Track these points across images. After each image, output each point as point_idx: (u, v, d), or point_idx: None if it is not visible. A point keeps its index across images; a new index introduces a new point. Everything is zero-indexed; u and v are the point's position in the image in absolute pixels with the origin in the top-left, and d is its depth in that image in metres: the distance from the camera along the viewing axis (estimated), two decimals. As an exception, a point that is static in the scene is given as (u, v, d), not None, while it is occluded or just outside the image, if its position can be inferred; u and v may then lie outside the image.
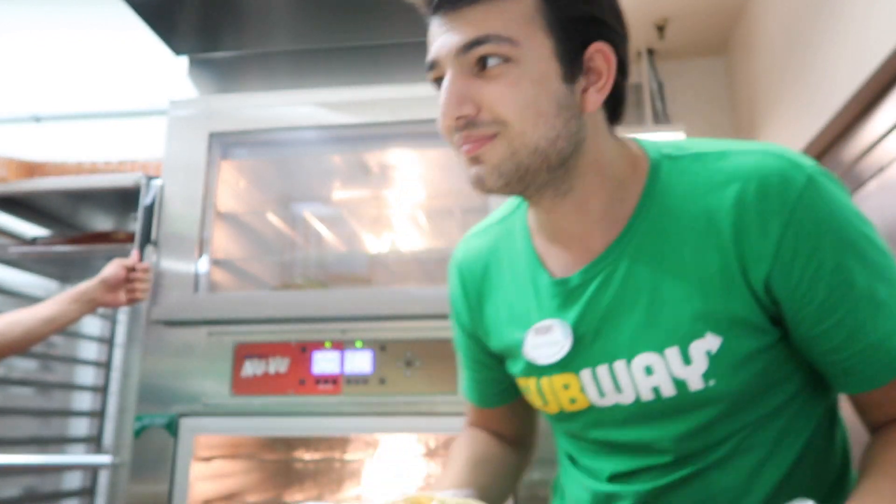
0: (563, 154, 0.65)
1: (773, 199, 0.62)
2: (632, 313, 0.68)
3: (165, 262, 1.56)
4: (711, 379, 0.65)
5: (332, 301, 1.49)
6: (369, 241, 1.95)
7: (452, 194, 1.80)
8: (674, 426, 0.69)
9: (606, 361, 0.70)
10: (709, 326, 0.64)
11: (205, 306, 1.53)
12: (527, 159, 0.64)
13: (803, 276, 0.62)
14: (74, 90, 2.76)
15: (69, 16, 2.93)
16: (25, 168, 1.76)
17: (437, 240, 1.91)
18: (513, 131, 0.63)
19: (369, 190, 1.94)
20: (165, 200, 1.61)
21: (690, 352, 0.65)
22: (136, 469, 1.43)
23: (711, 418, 0.67)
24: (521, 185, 0.67)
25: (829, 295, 0.62)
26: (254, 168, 1.88)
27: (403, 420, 1.41)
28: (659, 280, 0.67)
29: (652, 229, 0.68)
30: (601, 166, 0.69)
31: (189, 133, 1.63)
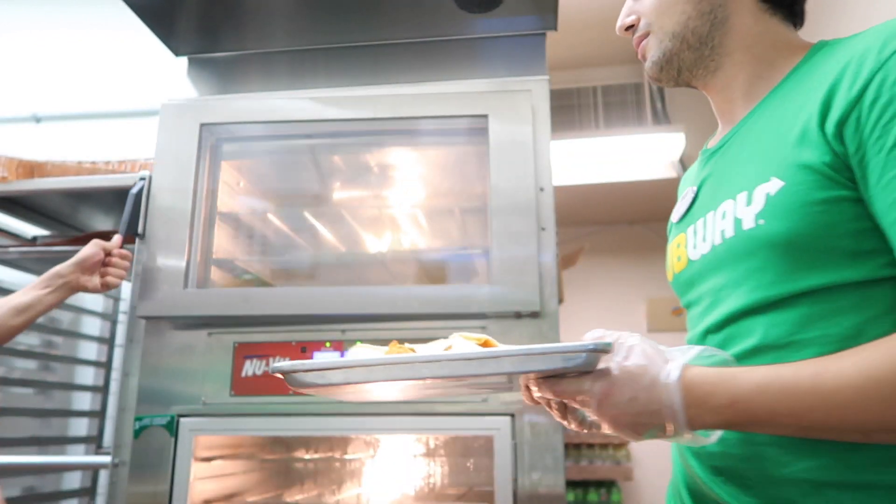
0: (698, 32, 0.78)
1: (873, 51, 0.62)
2: (731, 171, 0.76)
3: (153, 257, 1.51)
4: (762, 218, 0.67)
5: (331, 300, 1.49)
6: (370, 240, 1.95)
7: (452, 194, 1.80)
8: (735, 274, 0.71)
9: (703, 215, 0.78)
10: (774, 171, 0.67)
11: (193, 303, 1.49)
12: (669, 43, 0.80)
13: (878, 122, 0.60)
14: (74, 90, 2.76)
15: (69, 16, 2.93)
16: (25, 168, 1.76)
17: (437, 239, 1.91)
18: (656, 25, 0.81)
19: (368, 189, 1.94)
20: (154, 193, 1.56)
21: (755, 194, 0.69)
22: (136, 469, 1.43)
23: (765, 265, 0.68)
24: (673, 68, 0.81)
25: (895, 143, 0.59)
26: (247, 166, 1.88)
27: (403, 420, 1.41)
28: (762, 141, 0.72)
29: (780, 102, 0.73)
30: (748, 45, 0.77)
31: (179, 123, 1.60)
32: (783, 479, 0.66)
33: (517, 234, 1.45)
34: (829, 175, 0.63)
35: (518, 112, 1.52)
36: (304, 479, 1.87)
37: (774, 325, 0.68)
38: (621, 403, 0.64)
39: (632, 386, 0.64)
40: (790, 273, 0.66)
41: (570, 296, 4.03)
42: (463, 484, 1.79)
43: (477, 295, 1.43)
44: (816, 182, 0.64)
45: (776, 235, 0.66)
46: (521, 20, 1.63)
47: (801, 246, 0.65)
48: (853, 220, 0.63)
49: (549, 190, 1.51)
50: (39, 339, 2.38)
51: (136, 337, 1.53)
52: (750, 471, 0.69)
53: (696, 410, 0.62)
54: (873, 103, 0.60)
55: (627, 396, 0.64)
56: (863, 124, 0.61)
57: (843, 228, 0.63)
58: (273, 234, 1.93)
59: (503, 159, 1.49)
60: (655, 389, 0.63)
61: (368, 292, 1.49)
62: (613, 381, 0.65)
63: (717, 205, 0.75)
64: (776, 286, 0.67)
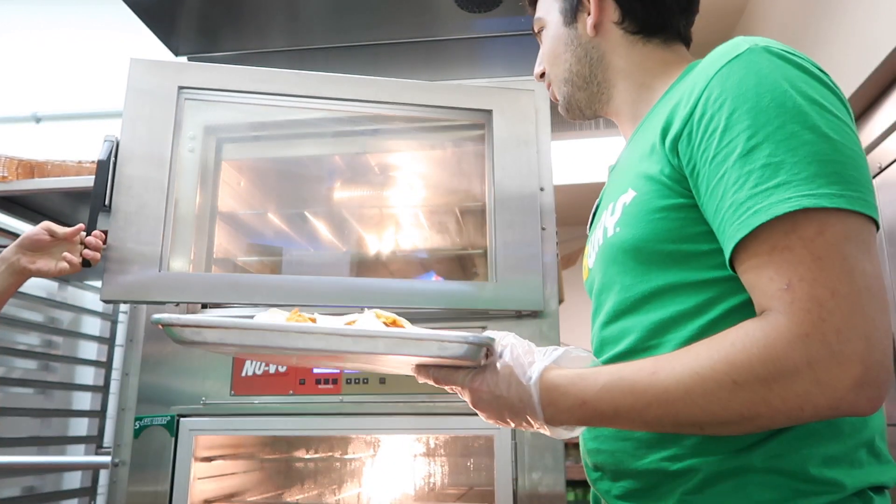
0: (582, 74, 0.87)
1: (704, 71, 0.67)
2: (612, 186, 0.83)
3: (121, 233, 1.35)
4: (619, 226, 0.74)
5: (326, 291, 1.48)
6: (370, 239, 1.95)
7: (453, 192, 1.80)
8: (607, 277, 0.77)
9: (595, 226, 0.85)
10: (630, 183, 0.74)
11: (170, 287, 1.36)
12: (564, 88, 0.89)
13: (703, 136, 0.64)
14: (74, 90, 2.76)
15: (69, 16, 2.93)
16: (25, 168, 1.76)
17: (437, 239, 1.91)
18: (551, 75, 0.92)
19: (368, 189, 1.94)
20: (122, 160, 1.38)
21: (617, 204, 0.76)
22: (137, 469, 1.43)
23: (624, 269, 0.74)
24: (574, 108, 0.90)
25: (716, 153, 0.63)
26: (245, 163, 1.87)
27: (403, 420, 1.41)
28: (631, 157, 0.80)
29: (649, 121, 0.79)
30: (626, 75, 0.85)
31: (153, 83, 1.44)
32: (641, 471, 0.71)
33: (520, 233, 1.45)
34: (668, 185, 0.69)
35: (522, 110, 1.52)
36: (305, 479, 1.87)
37: (636, 329, 0.73)
38: (490, 399, 0.71)
39: (498, 384, 0.70)
40: (642, 275, 0.72)
41: (570, 296, 4.02)
42: (463, 484, 1.79)
43: (480, 292, 1.42)
44: (658, 191, 0.70)
45: (627, 241, 0.73)
46: (521, 20, 1.63)
47: (647, 249, 0.71)
48: (691, 225, 0.68)
49: (550, 190, 1.51)
50: (40, 338, 2.39)
51: (137, 337, 1.53)
52: (615, 464, 0.74)
53: (552, 410, 0.68)
54: (700, 119, 0.65)
55: (495, 393, 0.71)
56: (693, 139, 0.65)
57: (682, 232, 0.69)
58: (271, 231, 1.93)
59: (506, 156, 1.49)
60: (518, 389, 0.70)
61: (368, 284, 1.47)
62: (483, 377, 0.71)
63: (600, 216, 0.83)
64: (633, 288, 0.73)
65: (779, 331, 0.57)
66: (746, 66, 0.63)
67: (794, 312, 0.56)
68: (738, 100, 0.62)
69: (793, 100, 0.61)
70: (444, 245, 1.90)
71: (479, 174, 1.62)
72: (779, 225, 0.58)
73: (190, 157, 1.55)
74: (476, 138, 1.62)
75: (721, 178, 0.62)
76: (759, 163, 0.60)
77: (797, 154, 0.59)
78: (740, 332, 0.60)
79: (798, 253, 0.58)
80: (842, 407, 0.56)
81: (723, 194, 0.62)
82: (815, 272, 0.57)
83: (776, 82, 0.62)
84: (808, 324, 0.56)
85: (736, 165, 0.61)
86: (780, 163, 0.59)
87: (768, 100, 0.61)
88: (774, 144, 0.60)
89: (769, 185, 0.59)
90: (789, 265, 0.58)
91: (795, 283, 0.57)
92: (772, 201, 0.58)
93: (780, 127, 0.60)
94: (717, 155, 0.63)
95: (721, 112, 0.63)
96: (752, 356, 0.57)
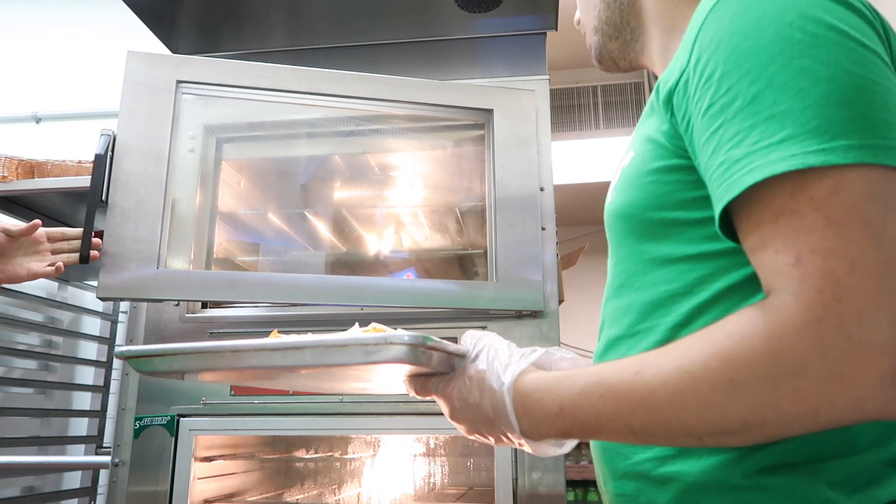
0: (612, 21, 0.81)
1: (702, 9, 0.57)
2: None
3: (118, 229, 1.32)
4: (615, 192, 0.69)
5: (326, 290, 1.47)
6: (370, 239, 1.95)
7: (452, 193, 1.80)
8: (610, 248, 0.72)
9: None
10: (633, 145, 0.69)
11: (169, 285, 1.34)
12: (596, 37, 0.83)
13: (699, 83, 0.54)
14: (74, 90, 2.76)
15: (69, 16, 2.93)
16: (25, 168, 1.76)
17: (437, 239, 1.91)
18: (584, 24, 0.86)
19: (368, 188, 1.94)
20: (119, 155, 1.35)
21: (619, 169, 0.70)
22: (137, 469, 1.43)
23: (620, 239, 0.69)
24: (607, 59, 0.84)
25: (712, 102, 0.53)
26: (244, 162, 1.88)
27: (403, 420, 1.41)
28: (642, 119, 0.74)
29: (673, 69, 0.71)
30: (656, 21, 0.78)
31: (150, 76, 1.41)
32: (626, 472, 0.63)
33: (520, 232, 1.45)
34: (663, 145, 0.61)
35: (522, 110, 1.52)
36: (305, 479, 1.87)
37: (632, 309, 0.65)
38: (464, 409, 0.63)
39: (471, 391, 0.62)
40: (634, 246, 0.65)
41: (570, 296, 4.02)
42: (463, 484, 1.79)
43: (481, 292, 1.42)
44: (654, 152, 0.62)
45: (619, 207, 0.66)
46: (521, 20, 1.63)
47: (637, 217, 0.64)
48: (684, 190, 0.59)
49: (550, 190, 1.51)
50: (40, 338, 2.39)
51: (137, 337, 1.53)
52: (603, 465, 0.67)
53: (528, 420, 0.59)
54: (696, 65, 0.55)
55: (468, 401, 0.62)
56: (689, 89, 0.56)
57: (673, 198, 0.60)
58: (270, 231, 1.93)
59: (507, 156, 1.49)
60: (491, 396, 0.61)
61: (368, 282, 1.44)
62: (455, 383, 0.63)
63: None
64: (626, 260, 0.67)
65: (785, 316, 0.46)
66: (744, 2, 0.53)
67: (804, 292, 0.46)
68: (737, 37, 0.52)
69: (802, 29, 0.50)
70: (445, 245, 1.90)
71: (479, 174, 1.62)
72: (786, 184, 0.48)
73: (190, 156, 1.55)
74: (476, 138, 1.62)
75: (715, 131, 0.52)
76: (763, 114, 0.49)
77: (808, 97, 0.48)
78: (739, 319, 0.49)
79: (808, 218, 0.47)
80: (867, 408, 0.45)
81: (714, 150, 0.52)
82: (829, 241, 0.46)
83: (781, 11, 0.51)
84: (820, 306, 0.45)
85: (737, 118, 0.51)
86: (786, 111, 0.48)
87: (771, 32, 0.51)
88: (780, 88, 0.49)
89: (773, 139, 0.48)
90: (797, 234, 0.47)
91: (805, 256, 0.46)
92: (771, 158, 0.48)
93: (786, 65, 0.50)
94: (712, 105, 0.52)
95: (717, 54, 0.53)
96: (752, 349, 0.47)
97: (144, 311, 1.54)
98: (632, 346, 0.64)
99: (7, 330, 2.20)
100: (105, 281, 1.30)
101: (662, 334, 0.60)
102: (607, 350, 0.69)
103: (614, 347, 0.67)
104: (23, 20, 2.94)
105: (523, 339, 1.44)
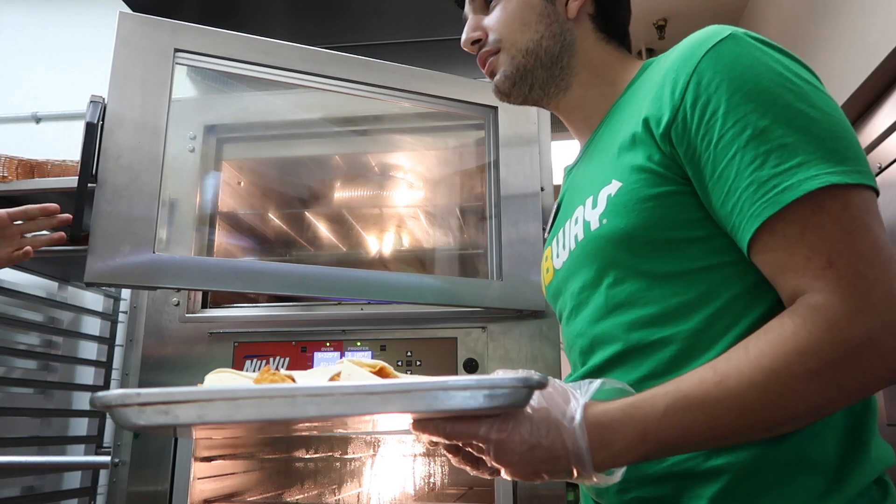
0: (550, 52, 0.83)
1: (688, 58, 0.66)
2: (583, 181, 0.81)
3: (109, 207, 1.20)
4: (605, 218, 0.71)
5: (332, 282, 1.44)
6: (370, 240, 1.95)
7: (454, 192, 1.80)
8: (590, 274, 0.75)
9: (563, 225, 0.83)
10: (613, 174, 0.72)
11: (166, 271, 1.22)
12: (523, 60, 0.83)
13: (701, 121, 0.63)
14: (74, 90, 2.75)
15: (69, 16, 2.93)
16: (25, 168, 1.76)
17: (438, 239, 1.91)
18: (507, 42, 0.84)
19: (369, 188, 1.94)
20: (110, 127, 1.23)
21: (599, 197, 0.73)
22: (137, 469, 1.43)
23: (615, 261, 0.71)
24: (526, 84, 0.85)
25: (721, 136, 0.62)
26: (246, 164, 1.87)
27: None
28: (605, 149, 0.78)
29: (619, 114, 0.79)
30: (593, 66, 0.84)
31: (145, 44, 1.30)
32: (661, 475, 0.66)
33: (522, 231, 1.45)
34: (659, 173, 0.67)
35: (525, 109, 1.52)
36: (305, 479, 1.87)
37: (638, 323, 0.69)
38: (523, 451, 0.60)
39: (533, 432, 0.60)
40: (636, 266, 0.70)
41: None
42: (463, 483, 1.79)
43: (485, 291, 1.42)
44: (649, 180, 0.68)
45: (618, 231, 0.70)
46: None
47: (641, 238, 0.68)
48: (685, 212, 0.67)
49: (550, 190, 1.52)
50: (40, 338, 2.39)
51: (137, 337, 1.53)
52: (629, 472, 0.65)
53: (605, 453, 0.60)
54: (694, 105, 0.64)
55: (530, 443, 0.59)
56: (689, 125, 0.64)
57: (676, 219, 0.67)
58: (271, 231, 1.93)
59: (510, 155, 1.50)
60: (559, 435, 0.59)
61: (373, 276, 1.38)
62: (514, 426, 0.59)
63: (572, 213, 0.80)
64: (626, 280, 0.70)
65: (835, 310, 0.56)
66: (736, 50, 0.63)
67: (843, 288, 0.56)
68: (737, 81, 0.62)
69: (790, 80, 0.62)
70: (446, 245, 1.90)
71: (480, 173, 1.62)
72: (807, 203, 0.58)
73: (190, 156, 1.55)
74: (478, 138, 1.62)
75: (732, 158, 0.61)
76: (774, 143, 0.60)
77: (809, 133, 0.60)
78: (796, 319, 0.58)
79: (830, 230, 0.58)
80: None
81: (737, 174, 0.61)
82: (850, 247, 0.57)
83: (769, 64, 0.63)
84: (859, 298, 0.56)
85: (750, 146, 0.60)
86: (795, 142, 0.59)
87: (768, 80, 0.62)
88: (785, 124, 0.60)
89: (791, 164, 0.59)
90: (825, 243, 0.58)
91: (836, 260, 0.57)
92: (799, 178, 0.58)
93: (786, 106, 0.61)
94: (722, 137, 0.62)
95: (719, 94, 0.62)
96: (820, 340, 0.56)
97: (144, 311, 1.54)
98: (645, 357, 0.69)
99: (7, 330, 2.20)
100: (94, 265, 1.16)
101: (685, 342, 0.66)
102: (610, 366, 0.72)
103: (620, 363, 0.71)
104: (23, 20, 2.94)
105: (523, 339, 1.44)
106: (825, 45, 1.99)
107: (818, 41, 2.05)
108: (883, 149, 1.73)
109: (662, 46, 3.12)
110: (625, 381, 0.68)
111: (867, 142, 1.79)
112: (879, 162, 1.73)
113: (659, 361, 0.67)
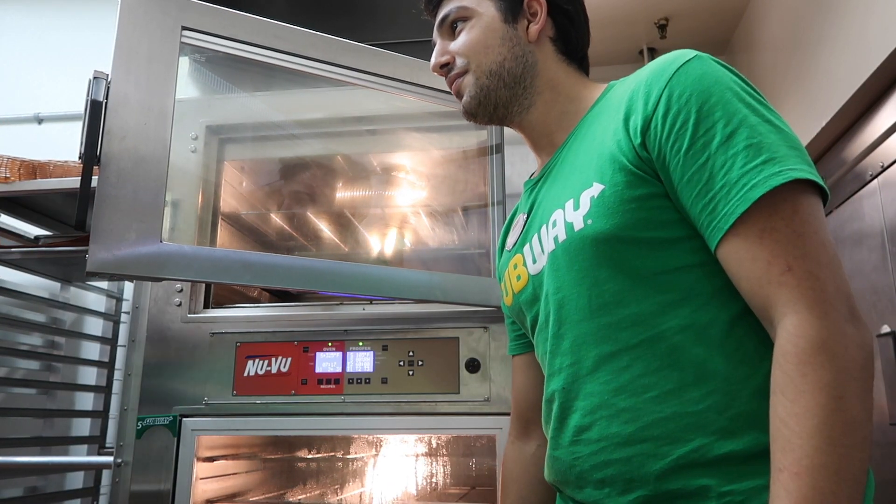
0: (513, 73, 0.88)
1: (660, 74, 0.72)
2: (558, 188, 0.84)
3: (113, 192, 1.10)
4: (590, 218, 0.74)
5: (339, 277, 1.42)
6: (373, 240, 1.96)
7: (457, 192, 1.81)
8: (572, 274, 0.77)
9: (537, 231, 0.85)
10: (595, 178, 0.76)
11: (175, 261, 1.14)
12: (487, 81, 0.89)
13: (672, 130, 0.69)
14: (76, 90, 2.76)
15: (71, 16, 2.94)
16: (28, 168, 1.76)
17: (441, 239, 1.91)
18: (473, 64, 0.90)
19: (370, 188, 1.94)
20: (113, 107, 1.13)
21: (581, 199, 0.76)
22: (139, 469, 1.44)
23: (599, 262, 0.74)
24: (490, 104, 0.90)
25: (692, 143, 0.67)
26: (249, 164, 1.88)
27: (405, 420, 1.41)
28: (580, 157, 0.81)
29: (590, 126, 0.83)
30: (555, 85, 0.89)
31: (151, 20, 1.22)
32: (666, 470, 0.68)
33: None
34: (638, 175, 0.72)
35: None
36: (307, 479, 1.87)
37: (625, 322, 0.72)
38: None
39: None
40: (620, 265, 0.73)
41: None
42: (465, 483, 1.79)
43: (494, 289, 1.41)
44: (629, 182, 0.72)
45: (603, 231, 0.73)
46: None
47: (626, 238, 0.72)
48: (664, 213, 0.71)
49: (551, 190, 1.52)
50: (42, 339, 2.39)
51: (139, 337, 1.53)
52: (628, 472, 0.70)
53: None
54: (665, 115, 0.69)
55: None
56: (659, 133, 0.69)
57: (657, 220, 0.72)
58: (273, 231, 1.93)
59: (514, 154, 1.50)
60: None
61: (385, 272, 1.34)
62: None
63: (549, 217, 0.82)
64: (612, 280, 0.74)
65: (811, 323, 0.60)
66: (702, 69, 0.70)
67: (804, 294, 0.61)
68: (704, 94, 0.68)
69: (749, 94, 0.69)
70: (449, 244, 1.90)
71: (483, 172, 1.63)
72: (764, 206, 0.63)
73: (192, 157, 1.56)
74: (481, 137, 1.62)
75: (704, 164, 0.67)
76: (741, 145, 0.65)
77: (771, 136, 0.66)
78: (788, 349, 0.61)
79: (784, 233, 0.62)
80: (869, 350, 0.62)
81: (709, 178, 0.66)
82: (801, 248, 0.62)
83: (731, 81, 0.70)
84: (821, 302, 0.60)
85: (720, 151, 0.66)
86: (759, 143, 0.65)
87: (731, 94, 0.68)
88: (750, 128, 0.66)
89: (757, 161, 0.64)
90: (780, 246, 0.62)
91: (793, 263, 0.62)
92: (764, 175, 0.63)
93: (748, 115, 0.67)
94: (693, 144, 0.67)
95: (689, 106, 0.68)
96: (822, 364, 0.59)
97: (146, 311, 1.54)
98: (638, 357, 0.72)
99: (10, 330, 2.21)
100: (97, 254, 1.07)
101: (674, 339, 0.70)
102: (600, 365, 0.75)
103: (610, 362, 0.74)
104: (24, 20, 2.94)
105: (525, 339, 1.44)
106: (825, 45, 1.99)
107: (818, 41, 2.04)
108: (884, 149, 1.73)
109: (664, 46, 3.12)
110: (620, 380, 0.72)
111: (867, 142, 1.79)
112: (881, 162, 1.73)
113: (651, 359, 0.71)
